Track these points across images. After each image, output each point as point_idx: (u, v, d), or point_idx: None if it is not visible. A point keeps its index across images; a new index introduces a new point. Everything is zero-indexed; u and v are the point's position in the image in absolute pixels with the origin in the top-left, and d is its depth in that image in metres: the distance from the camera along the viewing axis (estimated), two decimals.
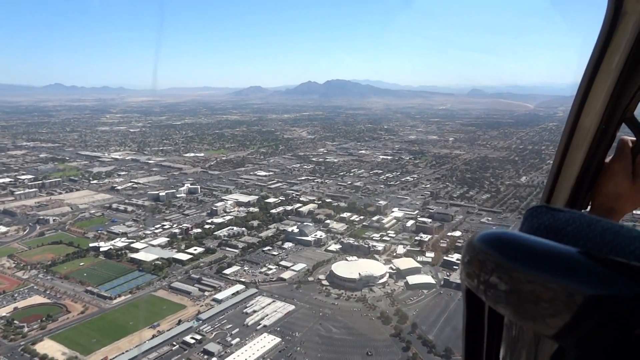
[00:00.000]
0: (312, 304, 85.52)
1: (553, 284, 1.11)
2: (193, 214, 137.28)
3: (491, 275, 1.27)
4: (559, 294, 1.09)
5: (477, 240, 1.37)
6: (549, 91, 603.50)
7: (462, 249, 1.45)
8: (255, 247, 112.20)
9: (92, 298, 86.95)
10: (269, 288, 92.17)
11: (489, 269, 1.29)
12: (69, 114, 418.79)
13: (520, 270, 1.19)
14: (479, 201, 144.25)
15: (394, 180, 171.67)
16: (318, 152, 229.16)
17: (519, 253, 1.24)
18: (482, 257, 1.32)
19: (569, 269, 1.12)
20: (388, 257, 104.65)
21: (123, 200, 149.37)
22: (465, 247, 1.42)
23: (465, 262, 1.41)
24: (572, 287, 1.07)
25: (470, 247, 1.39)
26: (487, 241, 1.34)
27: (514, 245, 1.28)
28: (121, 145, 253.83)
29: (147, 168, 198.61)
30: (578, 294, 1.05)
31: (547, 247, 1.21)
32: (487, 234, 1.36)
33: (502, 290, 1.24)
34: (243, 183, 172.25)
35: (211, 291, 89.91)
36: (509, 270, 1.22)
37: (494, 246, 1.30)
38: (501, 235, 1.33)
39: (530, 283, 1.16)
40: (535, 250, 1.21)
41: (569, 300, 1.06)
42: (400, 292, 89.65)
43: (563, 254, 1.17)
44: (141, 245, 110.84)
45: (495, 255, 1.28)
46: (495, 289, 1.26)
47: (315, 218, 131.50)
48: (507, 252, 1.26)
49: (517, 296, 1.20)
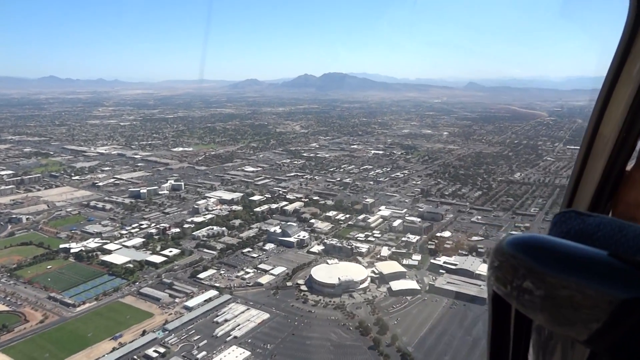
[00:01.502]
0: (288, 312, 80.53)
1: (587, 289, 1.09)
2: (174, 213, 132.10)
3: (523, 280, 1.25)
4: (594, 298, 1.07)
5: (507, 245, 1.35)
6: (546, 85, 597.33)
7: (490, 253, 1.43)
8: (235, 248, 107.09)
9: (55, 305, 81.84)
10: (245, 294, 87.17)
11: (521, 274, 1.27)
12: (61, 106, 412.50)
13: (554, 275, 1.17)
14: (471, 199, 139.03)
15: (383, 176, 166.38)
16: (310, 147, 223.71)
17: (552, 258, 1.22)
18: (514, 262, 1.30)
19: (603, 273, 1.11)
20: (372, 260, 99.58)
21: (102, 198, 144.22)
22: (494, 252, 1.40)
23: (494, 266, 1.39)
24: (607, 292, 1.05)
25: (499, 251, 1.36)
26: (518, 246, 1.32)
27: (546, 250, 1.25)
28: (109, 139, 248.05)
29: (132, 163, 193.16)
30: (613, 299, 1.04)
31: (580, 251, 1.20)
32: (518, 239, 1.34)
33: (535, 295, 1.22)
34: (229, 179, 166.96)
35: (182, 297, 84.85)
36: (542, 275, 1.21)
37: (525, 251, 1.28)
38: (533, 240, 1.31)
39: (564, 288, 1.14)
40: (568, 254, 1.20)
41: (603, 304, 1.04)
42: (382, 299, 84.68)
43: (596, 258, 1.15)
44: (115, 246, 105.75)
45: (528, 260, 1.26)
46: (527, 294, 1.24)
47: (301, 217, 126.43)
48: (539, 257, 1.24)
49: (551, 301, 1.18)
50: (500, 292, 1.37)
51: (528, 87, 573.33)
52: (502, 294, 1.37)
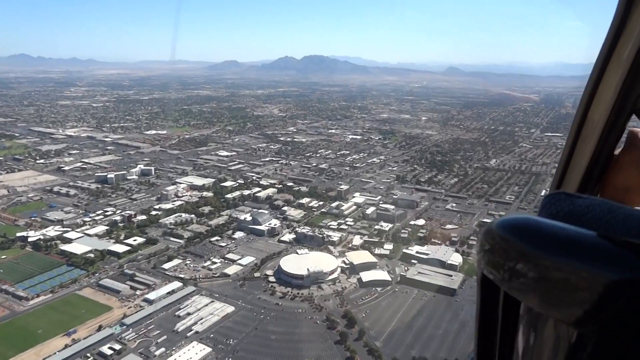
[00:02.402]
0: (255, 305, 77.64)
1: (577, 270, 1.08)
2: (141, 199, 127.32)
3: (514, 262, 1.23)
4: (583, 280, 1.06)
5: (497, 227, 1.32)
6: (527, 71, 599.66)
7: (480, 235, 1.41)
8: (203, 237, 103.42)
9: (6, 299, 77.23)
10: (210, 285, 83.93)
11: (511, 256, 1.25)
12: (31, 86, 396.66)
13: (544, 257, 1.16)
14: (447, 186, 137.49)
15: (360, 162, 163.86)
16: (287, 131, 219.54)
17: (543, 240, 1.21)
18: (504, 245, 1.28)
19: (593, 255, 1.10)
20: (343, 249, 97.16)
21: (67, 183, 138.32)
22: (484, 234, 1.37)
23: (485, 249, 1.36)
24: (597, 273, 1.05)
25: (490, 234, 1.34)
26: (508, 228, 1.29)
27: (537, 232, 1.24)
28: (79, 121, 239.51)
29: (101, 146, 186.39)
30: (602, 280, 1.03)
31: (571, 232, 1.18)
32: (509, 220, 1.32)
33: (525, 277, 1.20)
34: (202, 164, 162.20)
35: (144, 290, 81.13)
36: (532, 257, 1.19)
37: (516, 233, 1.26)
38: (523, 222, 1.28)
39: (555, 270, 1.13)
40: (558, 236, 1.19)
41: (592, 286, 1.04)
42: (352, 290, 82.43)
43: (587, 240, 1.14)
44: (76, 234, 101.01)
45: (518, 242, 1.24)
46: (516, 277, 1.23)
47: (273, 204, 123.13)
48: (530, 239, 1.22)
49: (540, 284, 1.17)
50: (490, 275, 1.35)
51: (507, 73, 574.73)
52: (491, 277, 1.35)
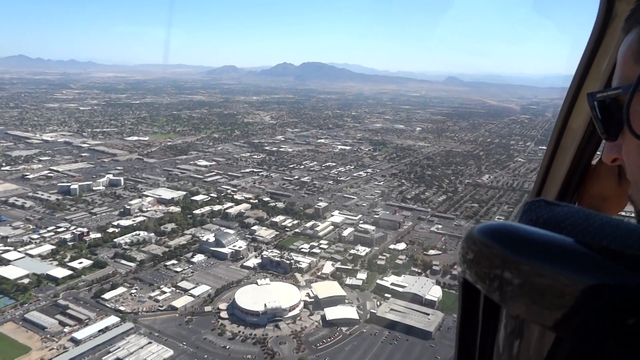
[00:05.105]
0: (198, 348, 67.12)
1: (556, 275, 1.10)
2: (102, 213, 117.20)
3: (494, 268, 1.25)
4: (562, 284, 1.08)
5: (478, 232, 1.33)
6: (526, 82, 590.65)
7: (462, 241, 1.42)
8: (158, 260, 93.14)
9: None
10: (153, 321, 73.54)
11: (492, 262, 1.26)
12: (23, 87, 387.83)
13: (524, 263, 1.17)
14: (434, 204, 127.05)
15: (345, 175, 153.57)
16: (275, 140, 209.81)
17: (523, 245, 1.22)
18: (484, 250, 1.29)
19: (571, 260, 1.12)
20: (311, 278, 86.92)
21: (26, 193, 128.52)
22: (466, 240, 1.38)
23: (465, 254, 1.37)
24: (575, 278, 1.07)
25: (471, 239, 1.34)
26: (489, 234, 1.30)
27: (517, 238, 1.25)
28: (61, 125, 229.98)
29: (76, 153, 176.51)
30: (579, 284, 1.05)
31: (550, 238, 1.20)
32: (489, 226, 1.32)
33: (505, 282, 1.21)
34: (177, 174, 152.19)
35: (74, 326, 70.74)
36: (513, 262, 1.20)
37: (497, 239, 1.27)
38: (504, 228, 1.29)
39: (535, 275, 1.14)
40: (538, 242, 1.20)
41: (570, 290, 1.06)
42: (314, 330, 72.00)
43: (565, 246, 1.17)
44: (17, 255, 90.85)
45: (499, 247, 1.25)
46: (497, 282, 1.24)
47: (243, 222, 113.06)
48: (510, 245, 1.24)
49: (520, 289, 1.18)
50: (471, 279, 1.36)
51: (506, 84, 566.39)
52: (472, 281, 1.36)
